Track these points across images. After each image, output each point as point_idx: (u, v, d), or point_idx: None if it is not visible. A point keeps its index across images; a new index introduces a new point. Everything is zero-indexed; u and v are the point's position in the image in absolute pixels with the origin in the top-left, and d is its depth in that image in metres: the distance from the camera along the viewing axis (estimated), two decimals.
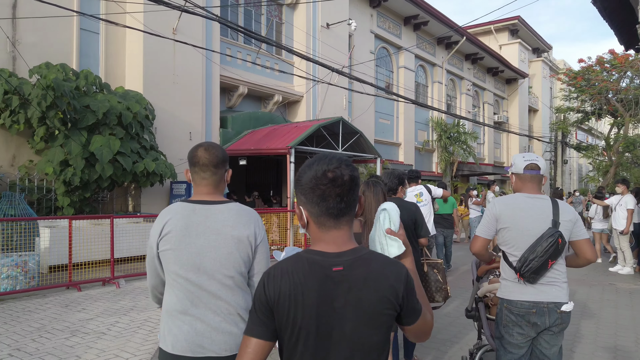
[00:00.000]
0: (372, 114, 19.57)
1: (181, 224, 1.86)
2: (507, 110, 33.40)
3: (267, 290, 1.28)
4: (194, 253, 1.84)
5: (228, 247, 1.85)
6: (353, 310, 1.26)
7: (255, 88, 14.55)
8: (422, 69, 24.19)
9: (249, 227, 1.90)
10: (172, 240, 1.85)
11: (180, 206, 1.92)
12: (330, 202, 1.28)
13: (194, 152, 1.96)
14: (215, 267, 1.84)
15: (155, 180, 10.00)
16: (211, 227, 1.86)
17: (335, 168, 1.28)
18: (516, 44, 32.69)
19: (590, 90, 25.16)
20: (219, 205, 1.91)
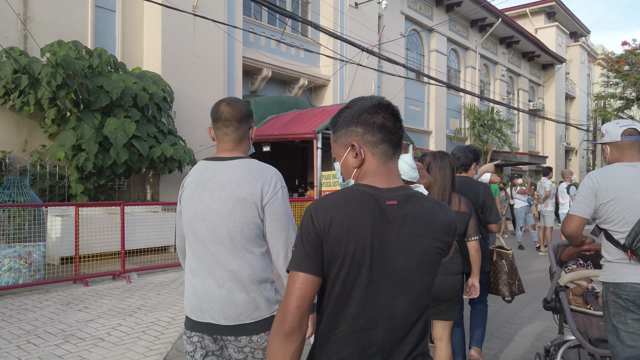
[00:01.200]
0: (401, 100, 18.56)
1: (194, 179, 1.84)
2: (542, 97, 31.77)
3: (316, 220, 1.21)
4: (200, 210, 1.78)
5: (229, 204, 1.74)
6: (405, 246, 1.22)
7: (279, 71, 13.77)
8: (454, 53, 22.97)
9: (255, 184, 1.75)
10: (185, 196, 1.84)
11: (200, 163, 1.89)
12: (392, 129, 1.30)
13: (216, 107, 1.87)
14: (216, 224, 1.75)
15: (173, 166, 9.35)
16: (218, 184, 1.77)
17: (384, 100, 1.34)
18: (553, 28, 30.97)
19: (635, 75, 23.55)
20: (230, 161, 1.81)
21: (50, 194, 8.91)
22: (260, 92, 13.84)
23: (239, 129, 1.85)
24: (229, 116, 1.84)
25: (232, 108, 1.85)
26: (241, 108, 1.87)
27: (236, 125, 1.84)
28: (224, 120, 1.84)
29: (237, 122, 1.85)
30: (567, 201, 8.71)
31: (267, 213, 1.76)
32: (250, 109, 1.94)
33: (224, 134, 1.85)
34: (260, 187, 1.75)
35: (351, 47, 14.13)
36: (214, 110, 1.88)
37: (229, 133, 1.84)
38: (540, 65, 31.28)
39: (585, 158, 34.91)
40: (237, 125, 1.85)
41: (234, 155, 1.84)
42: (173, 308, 4.94)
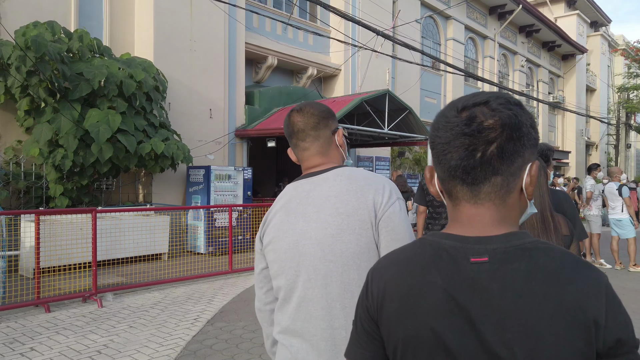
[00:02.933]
0: (417, 92, 17.35)
1: (281, 207, 1.41)
2: (562, 89, 30.31)
3: (371, 287, 0.88)
4: (293, 243, 1.34)
5: (331, 227, 1.29)
6: (504, 330, 0.74)
7: (286, 59, 12.63)
8: (472, 42, 21.68)
9: (365, 195, 1.31)
10: (271, 231, 1.40)
11: (288, 187, 1.47)
12: (456, 156, 0.82)
13: (286, 120, 1.49)
14: (318, 258, 1.29)
15: (165, 164, 8.28)
16: (313, 203, 1.35)
17: (476, 104, 0.82)
18: (574, 16, 29.46)
19: None
20: (325, 173, 1.40)
21: (26, 196, 7.88)
22: (265, 82, 12.71)
23: (317, 137, 1.46)
24: (301, 126, 1.46)
25: (302, 115, 1.47)
26: (314, 111, 1.47)
27: (313, 134, 1.45)
28: (296, 132, 1.47)
29: (313, 129, 1.46)
30: (619, 204, 7.50)
31: (382, 232, 1.32)
32: (328, 109, 1.50)
33: (302, 149, 1.47)
34: (371, 198, 1.32)
35: (363, 33, 12.95)
36: (285, 125, 1.51)
37: (307, 147, 1.46)
38: (560, 56, 29.85)
39: (607, 153, 33.42)
40: (314, 135, 1.45)
41: (326, 167, 1.44)
42: (145, 349, 3.86)
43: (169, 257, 8.43)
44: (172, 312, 4.90)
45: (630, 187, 9.49)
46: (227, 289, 6.04)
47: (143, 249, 7.79)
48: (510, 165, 0.81)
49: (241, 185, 9.72)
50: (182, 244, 8.85)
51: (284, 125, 1.50)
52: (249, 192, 9.82)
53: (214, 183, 9.20)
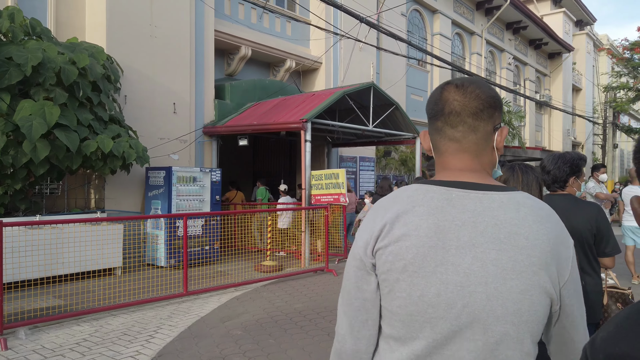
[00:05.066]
0: (403, 89, 16.41)
1: (427, 223, 0.97)
2: (549, 88, 29.81)
3: None
4: (453, 283, 0.94)
5: (521, 280, 0.94)
6: None
7: (261, 50, 11.54)
8: (459, 38, 20.86)
9: (558, 243, 0.97)
10: (408, 254, 0.96)
11: (424, 191, 1.02)
12: None
13: (436, 94, 1.08)
14: (492, 318, 0.94)
15: (115, 165, 7.12)
16: (487, 235, 0.96)
17: None
18: (560, 14, 28.99)
19: None
20: (499, 194, 1.00)
21: None
22: (238, 75, 11.60)
23: (475, 129, 1.03)
24: (457, 107, 1.03)
25: (462, 93, 1.03)
26: (480, 93, 1.03)
27: (470, 123, 1.03)
28: (447, 114, 1.04)
29: (473, 117, 1.03)
30: None
31: (565, 299, 0.98)
32: (497, 97, 1.06)
33: (450, 139, 1.05)
34: (563, 249, 0.97)
35: (346, 22, 11.95)
36: (431, 100, 1.08)
37: (457, 138, 1.04)
38: (547, 54, 29.34)
39: (593, 153, 33.06)
40: (471, 124, 1.03)
41: (485, 180, 1.03)
42: None
43: (123, 271, 7.29)
44: (95, 358, 3.77)
45: None
46: (177, 318, 4.92)
47: (91, 264, 6.67)
48: None
49: (208, 188, 8.60)
50: (140, 256, 7.70)
51: (430, 100, 1.09)
52: (217, 196, 8.70)
53: (177, 186, 8.06)
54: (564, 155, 2.72)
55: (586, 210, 2.59)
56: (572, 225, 2.45)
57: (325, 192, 8.52)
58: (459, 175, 1.05)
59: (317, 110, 8.60)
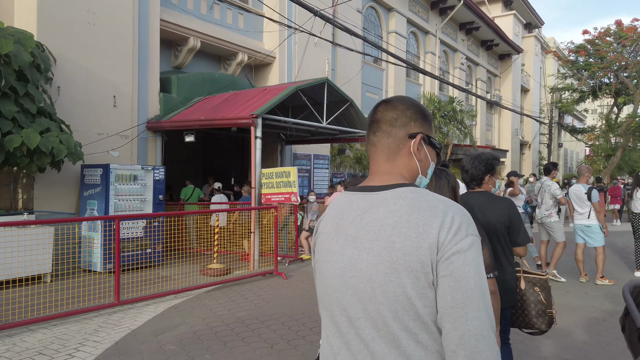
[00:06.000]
0: (358, 86, 16.28)
1: (331, 223, 1.22)
2: (499, 88, 30.63)
3: None
4: (339, 269, 1.15)
5: (384, 264, 1.07)
6: None
7: (211, 42, 11.04)
8: (413, 37, 20.97)
9: (428, 229, 1.05)
10: (320, 247, 1.24)
11: (339, 197, 1.28)
12: None
13: (372, 109, 1.29)
14: (368, 296, 1.09)
15: (44, 162, 6.51)
16: (366, 227, 1.13)
17: None
18: (511, 16, 29.78)
19: (599, 64, 22.57)
20: (385, 192, 1.15)
21: None
22: (186, 68, 11.05)
23: (388, 134, 1.21)
24: (379, 116, 1.23)
25: (386, 106, 1.23)
26: (398, 105, 1.22)
27: (384, 129, 1.21)
28: (371, 123, 1.24)
29: (387, 123, 1.20)
30: (587, 211, 6.60)
31: (441, 277, 1.03)
32: (418, 108, 1.23)
33: (370, 144, 1.24)
34: (435, 235, 1.05)
35: (301, 16, 11.64)
36: (370, 113, 1.28)
37: (374, 142, 1.23)
38: (498, 55, 30.11)
39: (539, 152, 34.31)
40: (385, 130, 1.21)
41: (388, 181, 1.17)
42: None
43: (54, 278, 6.69)
44: None
45: (600, 189, 8.79)
46: (105, 332, 4.46)
47: (17, 271, 6.05)
48: None
49: (151, 187, 8.08)
50: (74, 261, 7.11)
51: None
52: (160, 195, 8.19)
53: (115, 185, 7.50)
54: (479, 156, 2.97)
55: (499, 206, 2.87)
56: (487, 220, 2.79)
57: (276, 191, 8.18)
58: (372, 179, 1.21)
59: (268, 105, 8.24)
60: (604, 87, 24.33)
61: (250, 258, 8.03)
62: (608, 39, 22.51)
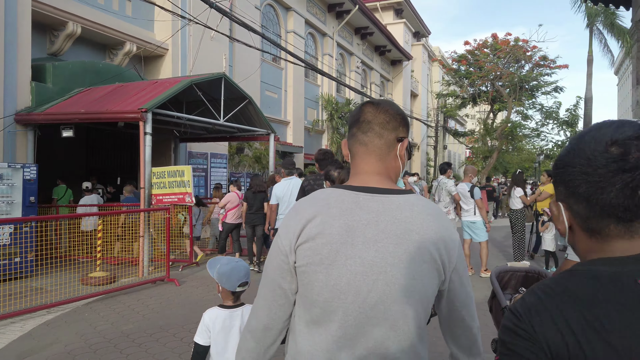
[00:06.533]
0: (257, 83, 16.03)
1: (339, 223, 1.16)
2: (391, 92, 32.26)
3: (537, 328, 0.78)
4: (360, 273, 1.14)
5: (412, 268, 1.14)
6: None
7: (94, 29, 10.07)
8: (312, 38, 21.20)
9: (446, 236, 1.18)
10: (323, 249, 1.15)
11: (337, 195, 1.22)
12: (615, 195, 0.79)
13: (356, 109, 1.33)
14: (392, 298, 1.14)
15: None
16: (387, 232, 1.15)
17: (628, 138, 0.79)
18: (401, 24, 31.51)
19: (478, 73, 24.68)
20: (397, 197, 1.20)
21: None
22: (64, 55, 9.96)
23: (380, 136, 1.26)
24: (370, 117, 1.28)
25: (376, 108, 1.29)
26: (389, 109, 1.29)
27: (377, 130, 1.26)
28: (361, 122, 1.28)
29: (380, 125, 1.26)
30: (472, 206, 7.08)
31: (454, 280, 1.20)
32: (404, 116, 1.31)
33: (360, 143, 1.27)
34: (449, 242, 1.19)
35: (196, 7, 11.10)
36: (352, 113, 1.34)
37: (365, 142, 1.27)
38: (390, 61, 31.63)
39: (427, 154, 36.71)
40: (378, 131, 1.26)
41: (386, 184, 1.24)
42: None
43: None
44: None
45: (482, 187, 9.45)
46: None
47: None
48: None
49: (20, 188, 7.11)
50: None
51: (351, 113, 1.34)
52: (32, 197, 7.25)
53: None
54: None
55: None
56: None
57: (168, 191, 7.65)
58: (366, 179, 1.23)
59: (159, 99, 7.68)
60: (483, 95, 26.64)
61: (139, 264, 7.41)
62: (485, 51, 24.67)
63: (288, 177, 6.36)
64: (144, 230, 7.39)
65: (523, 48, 23.50)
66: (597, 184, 0.79)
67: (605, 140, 0.79)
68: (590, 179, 0.79)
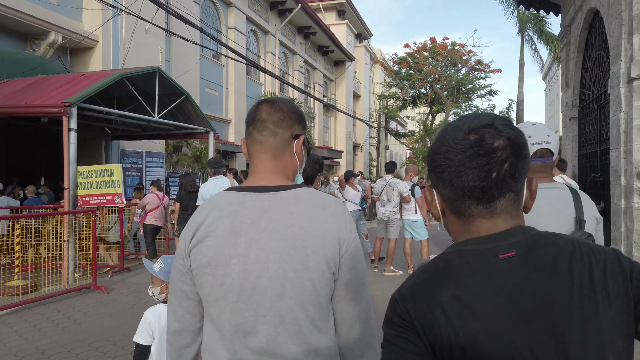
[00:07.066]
0: (196, 80, 15.46)
1: (224, 225, 1.19)
2: (334, 93, 32.38)
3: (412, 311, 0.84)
4: (245, 272, 1.15)
5: (295, 261, 1.15)
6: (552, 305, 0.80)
7: (13, 17, 9.24)
8: (254, 35, 20.81)
9: (331, 228, 1.18)
10: (209, 251, 1.18)
11: (226, 197, 1.23)
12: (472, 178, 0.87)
13: (253, 107, 1.33)
14: (277, 294, 1.15)
15: None
16: (269, 228, 1.17)
17: (483, 125, 0.88)
18: (344, 25, 31.71)
19: (417, 76, 25.28)
20: (282, 192, 1.22)
21: None
22: None
23: (275, 134, 1.27)
24: (265, 115, 1.28)
25: (271, 106, 1.29)
26: (283, 107, 1.30)
27: (272, 128, 1.27)
28: (256, 121, 1.29)
29: (275, 124, 1.27)
30: (413, 205, 7.08)
31: (343, 270, 1.20)
32: (300, 113, 1.34)
33: (256, 142, 1.28)
34: (336, 234, 1.18)
35: None
36: (248, 112, 1.34)
37: (261, 141, 1.28)
38: (333, 62, 31.76)
39: (370, 154, 37.26)
40: (272, 129, 1.27)
41: (279, 182, 1.25)
42: None
43: None
44: None
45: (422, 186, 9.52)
46: None
47: None
48: (519, 182, 0.87)
49: None
50: None
51: (249, 112, 1.34)
52: None
53: None
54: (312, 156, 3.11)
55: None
56: None
57: (96, 192, 7.12)
58: (258, 178, 1.26)
59: (85, 93, 7.13)
60: (422, 97, 27.34)
61: (63, 270, 6.82)
62: (425, 54, 25.33)
63: (214, 177, 6.08)
64: (68, 234, 6.81)
65: (460, 52, 24.35)
66: (457, 167, 0.85)
67: (464, 128, 0.85)
68: (452, 163, 0.86)
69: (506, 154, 0.83)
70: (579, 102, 8.30)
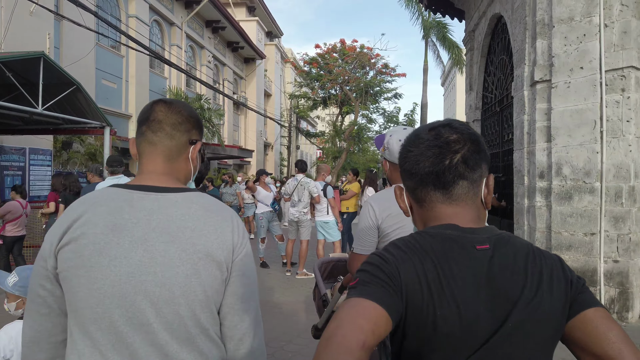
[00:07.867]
0: (92, 71, 14.13)
1: (105, 222, 1.08)
2: (245, 91, 31.74)
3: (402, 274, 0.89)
4: (125, 275, 1.06)
5: (186, 265, 1.08)
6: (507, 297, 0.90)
7: None
8: (157, 26, 19.60)
9: (224, 232, 1.15)
10: (85, 251, 1.06)
11: (108, 193, 1.14)
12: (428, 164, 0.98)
13: (146, 106, 1.26)
14: (164, 299, 1.07)
15: None
16: (158, 229, 1.10)
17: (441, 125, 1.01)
18: (254, 22, 31.21)
19: (328, 76, 25.51)
20: (175, 194, 1.15)
21: None
22: None
23: (172, 137, 1.20)
24: (161, 116, 1.20)
25: (168, 107, 1.22)
26: (182, 110, 1.23)
27: (168, 131, 1.20)
28: (151, 120, 1.20)
29: (171, 126, 1.20)
30: (325, 206, 6.89)
31: (233, 276, 1.15)
32: (198, 119, 1.29)
33: (149, 142, 1.19)
34: (229, 238, 1.14)
35: None
36: (142, 111, 1.25)
37: (155, 142, 1.19)
38: (243, 59, 31.12)
39: (280, 153, 37.07)
40: (169, 132, 1.20)
41: (170, 184, 1.17)
42: None
43: None
44: None
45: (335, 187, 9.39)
46: None
47: None
48: (474, 172, 0.95)
49: None
50: None
51: (142, 110, 1.26)
52: None
53: None
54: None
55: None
56: None
57: None
58: (147, 178, 1.17)
59: None
60: (332, 97, 27.66)
61: None
62: (335, 55, 25.62)
63: (114, 176, 5.46)
64: None
65: (368, 55, 24.96)
66: (415, 157, 0.96)
67: (428, 128, 0.98)
68: (412, 154, 0.96)
69: (459, 146, 0.93)
70: (481, 104, 8.70)
